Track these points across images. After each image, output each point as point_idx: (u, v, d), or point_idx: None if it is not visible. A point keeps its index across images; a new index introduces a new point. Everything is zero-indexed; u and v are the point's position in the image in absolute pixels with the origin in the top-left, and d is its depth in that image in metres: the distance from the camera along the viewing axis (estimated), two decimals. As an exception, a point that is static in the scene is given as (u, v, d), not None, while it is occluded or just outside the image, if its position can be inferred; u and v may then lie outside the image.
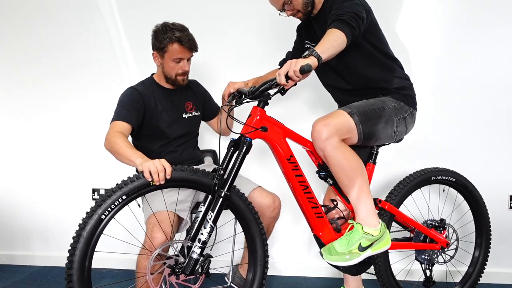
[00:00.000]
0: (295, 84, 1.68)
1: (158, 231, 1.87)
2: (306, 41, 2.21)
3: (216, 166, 1.89)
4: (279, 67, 2.32)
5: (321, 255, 1.91)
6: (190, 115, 2.31)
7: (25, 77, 3.05)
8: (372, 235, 1.86)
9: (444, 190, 2.58)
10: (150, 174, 1.67)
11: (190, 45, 2.14)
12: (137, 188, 1.67)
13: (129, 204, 1.70)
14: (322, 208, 2.00)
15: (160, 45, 2.14)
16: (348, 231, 1.91)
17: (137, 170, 1.76)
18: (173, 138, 2.25)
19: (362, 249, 1.85)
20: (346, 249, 1.85)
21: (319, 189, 2.70)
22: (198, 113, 2.36)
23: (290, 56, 2.34)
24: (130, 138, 2.18)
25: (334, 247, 1.88)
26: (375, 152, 2.18)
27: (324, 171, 2.06)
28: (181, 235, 2.32)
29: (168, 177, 1.69)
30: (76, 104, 3.02)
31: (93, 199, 2.91)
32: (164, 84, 2.26)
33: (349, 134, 1.90)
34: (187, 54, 2.16)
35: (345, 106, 1.97)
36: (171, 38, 2.10)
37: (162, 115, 2.20)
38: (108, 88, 2.96)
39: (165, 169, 1.69)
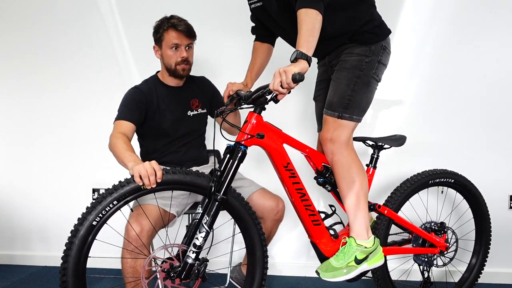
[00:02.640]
0: (289, 92, 1.66)
1: (134, 222, 1.86)
2: (249, 2, 2.08)
3: (213, 168, 1.87)
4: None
5: (318, 274, 1.91)
6: (196, 112, 2.28)
7: (24, 78, 3.05)
8: (366, 247, 1.89)
9: (442, 192, 2.56)
10: (141, 178, 1.64)
11: (186, 29, 2.12)
12: (128, 193, 1.65)
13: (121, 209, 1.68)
14: (320, 215, 1.99)
15: (157, 35, 2.16)
16: (341, 246, 1.93)
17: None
18: (176, 137, 2.23)
19: (358, 261, 1.87)
20: (343, 263, 1.86)
21: (317, 195, 2.70)
22: (205, 111, 2.33)
23: (253, 20, 2.22)
24: (135, 137, 2.19)
25: (330, 263, 1.89)
26: (375, 156, 2.17)
27: (323, 177, 2.04)
28: (176, 237, 2.32)
29: (159, 180, 1.66)
30: (76, 104, 3.02)
31: (93, 199, 2.90)
32: (168, 82, 2.24)
33: (352, 128, 1.93)
34: (184, 40, 2.13)
35: (328, 108, 1.93)
36: (166, 25, 2.11)
37: (164, 113, 2.19)
38: (108, 88, 2.96)
39: (155, 173, 1.66)
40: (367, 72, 1.91)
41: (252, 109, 1.84)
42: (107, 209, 1.62)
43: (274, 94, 1.69)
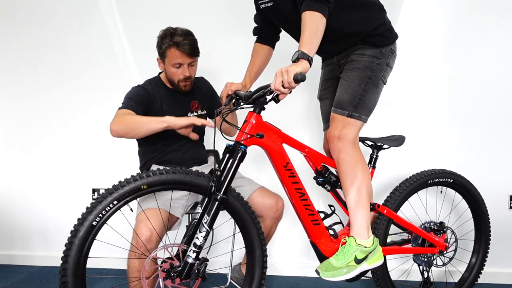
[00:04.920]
0: (290, 92, 1.66)
1: (143, 227, 1.87)
2: (258, 2, 2.07)
3: (213, 168, 1.86)
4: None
5: (318, 273, 1.91)
6: (196, 114, 2.30)
7: (24, 78, 3.05)
8: (365, 247, 1.89)
9: (441, 191, 2.57)
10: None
11: (189, 49, 2.09)
12: (128, 193, 1.65)
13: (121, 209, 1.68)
14: (319, 214, 1.99)
15: (160, 50, 2.14)
16: (341, 246, 1.93)
17: (147, 167, 1.70)
18: (177, 138, 2.22)
19: (358, 261, 1.86)
20: (343, 262, 1.86)
21: (317, 195, 2.69)
22: (204, 112, 2.34)
23: (257, 20, 2.22)
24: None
25: (330, 263, 1.89)
26: (375, 156, 2.17)
27: (322, 177, 2.05)
28: (176, 237, 2.33)
29: (211, 124, 1.87)
30: (76, 104, 3.02)
31: (93, 199, 2.91)
32: (169, 85, 2.25)
33: (359, 127, 1.95)
34: (186, 60, 2.12)
35: (337, 106, 1.94)
36: (169, 43, 2.08)
37: (167, 114, 2.18)
38: (108, 88, 2.96)
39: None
40: (377, 74, 1.94)
41: (251, 109, 1.84)
42: (107, 209, 1.61)
43: (275, 94, 1.69)
